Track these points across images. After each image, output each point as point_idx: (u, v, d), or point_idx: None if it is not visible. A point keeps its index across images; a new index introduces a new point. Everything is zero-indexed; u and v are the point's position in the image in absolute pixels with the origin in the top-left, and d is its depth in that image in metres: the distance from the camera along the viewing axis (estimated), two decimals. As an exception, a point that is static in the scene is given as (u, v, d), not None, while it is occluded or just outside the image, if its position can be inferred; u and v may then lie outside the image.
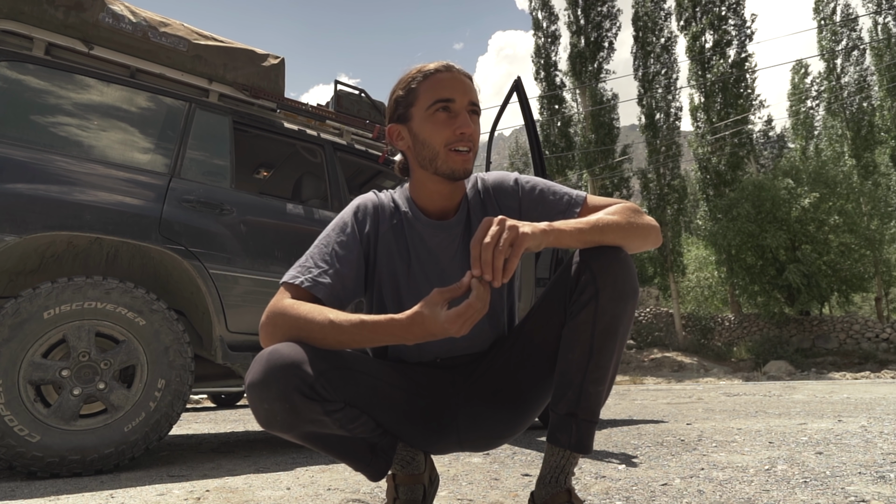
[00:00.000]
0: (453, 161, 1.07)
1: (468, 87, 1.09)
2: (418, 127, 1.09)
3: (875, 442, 2.24)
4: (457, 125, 1.06)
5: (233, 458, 2.49)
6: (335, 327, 0.94)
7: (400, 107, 1.11)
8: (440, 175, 1.09)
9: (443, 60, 1.11)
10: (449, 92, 1.07)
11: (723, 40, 18.08)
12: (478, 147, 1.11)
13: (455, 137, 1.06)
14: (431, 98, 1.07)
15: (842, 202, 15.51)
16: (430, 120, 1.07)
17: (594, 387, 1.02)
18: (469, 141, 1.07)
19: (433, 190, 1.14)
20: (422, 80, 1.08)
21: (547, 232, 0.96)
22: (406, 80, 1.11)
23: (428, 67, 1.09)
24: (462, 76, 1.09)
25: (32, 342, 1.96)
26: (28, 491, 1.76)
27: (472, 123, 1.07)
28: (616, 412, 4.40)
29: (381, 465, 1.08)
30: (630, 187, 20.05)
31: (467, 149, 1.07)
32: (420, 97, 1.08)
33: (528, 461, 2.14)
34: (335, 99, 3.33)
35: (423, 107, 1.08)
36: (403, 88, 1.11)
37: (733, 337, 17.68)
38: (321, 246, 1.10)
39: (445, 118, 1.07)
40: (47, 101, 2.22)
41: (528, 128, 2.88)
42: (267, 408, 0.90)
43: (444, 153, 1.07)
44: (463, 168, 1.08)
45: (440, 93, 1.06)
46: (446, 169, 1.08)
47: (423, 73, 1.09)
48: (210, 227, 2.40)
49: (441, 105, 1.06)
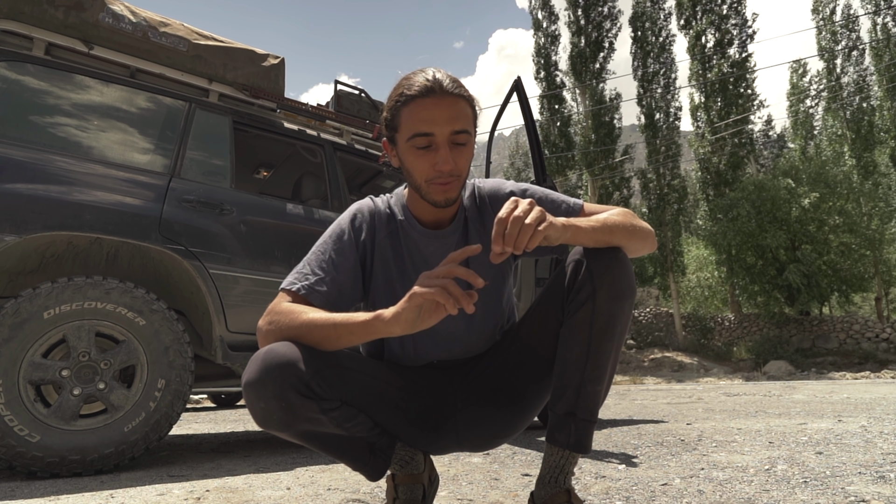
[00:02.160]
0: (435, 192, 1.05)
1: (451, 114, 1.01)
2: (402, 155, 1.06)
3: (875, 442, 2.24)
4: (436, 161, 1.01)
5: (233, 458, 2.49)
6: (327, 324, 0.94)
7: (388, 128, 1.08)
8: (425, 202, 1.08)
9: (430, 74, 1.02)
10: (428, 125, 1.00)
11: (724, 39, 18.08)
12: (465, 174, 1.06)
13: (434, 174, 1.02)
14: (410, 131, 1.01)
15: (842, 202, 15.51)
16: (412, 153, 1.03)
17: (592, 386, 1.02)
18: (450, 176, 1.02)
19: (426, 204, 1.12)
20: (402, 106, 1.02)
21: (567, 227, 0.96)
22: (392, 97, 1.06)
23: (411, 88, 1.01)
24: (447, 100, 1.01)
25: (32, 342, 1.96)
26: (28, 491, 1.76)
27: (456, 154, 1.02)
28: (616, 412, 4.40)
29: (380, 465, 1.09)
30: (630, 187, 20.05)
31: (447, 182, 1.03)
32: (402, 125, 1.03)
33: (528, 461, 2.14)
34: (335, 99, 3.33)
35: (404, 137, 1.03)
36: (389, 109, 1.06)
37: (733, 337, 17.68)
38: (318, 253, 1.10)
39: (424, 153, 1.02)
40: (47, 101, 2.22)
41: (528, 128, 2.88)
42: (263, 406, 0.90)
43: (426, 185, 1.05)
44: (444, 198, 1.05)
45: (418, 126, 1.00)
46: (429, 199, 1.06)
47: (406, 95, 1.01)
48: (210, 227, 2.40)
49: (420, 140, 1.01)
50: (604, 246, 1.02)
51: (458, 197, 1.08)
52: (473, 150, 1.09)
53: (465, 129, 1.02)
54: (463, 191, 1.19)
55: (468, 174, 1.11)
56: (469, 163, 1.07)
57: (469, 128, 1.03)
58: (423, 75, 1.03)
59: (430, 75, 1.02)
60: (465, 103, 1.03)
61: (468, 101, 1.04)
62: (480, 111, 1.10)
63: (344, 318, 0.94)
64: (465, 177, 1.08)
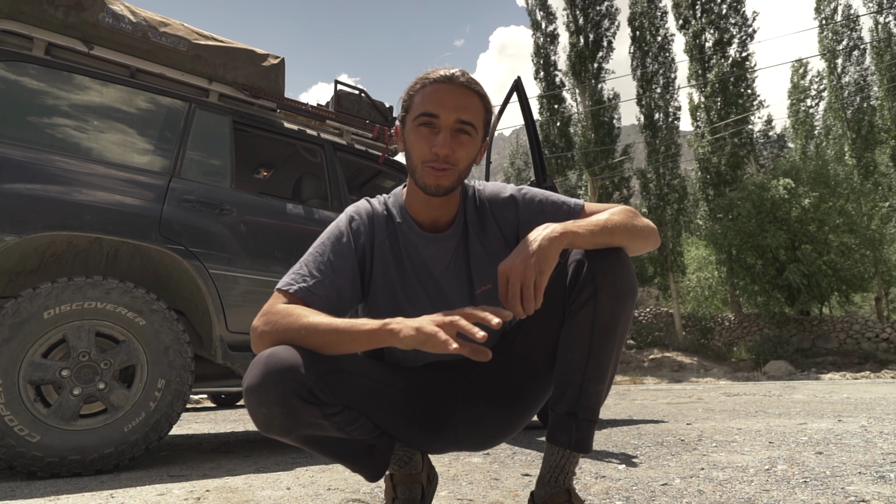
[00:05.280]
0: (427, 176, 1.05)
1: (462, 103, 1.03)
2: (407, 135, 1.08)
3: (875, 442, 2.24)
4: (434, 143, 1.02)
5: (233, 458, 2.49)
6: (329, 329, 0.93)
7: (402, 109, 1.10)
8: (418, 187, 1.08)
9: (455, 69, 1.06)
10: (435, 107, 1.02)
11: (723, 39, 18.06)
12: (463, 166, 1.06)
13: (430, 156, 1.03)
14: (419, 110, 1.04)
15: (842, 202, 15.51)
16: (415, 132, 1.05)
17: (594, 386, 1.02)
18: (445, 161, 1.03)
19: (422, 199, 1.12)
20: (420, 88, 1.06)
21: (564, 234, 0.97)
22: (414, 82, 1.09)
23: (433, 75, 1.06)
24: (461, 90, 1.04)
25: (32, 342, 1.96)
26: (28, 491, 1.76)
27: (457, 143, 1.03)
28: (616, 412, 4.40)
29: (379, 466, 1.08)
30: (630, 187, 20.06)
31: (443, 168, 1.03)
32: (413, 105, 1.06)
33: (528, 461, 2.14)
34: (335, 99, 3.33)
35: (412, 116, 1.05)
36: (408, 91, 1.09)
37: (733, 337, 17.68)
38: (316, 255, 1.09)
39: (427, 133, 1.03)
40: (47, 101, 2.22)
41: (528, 128, 2.88)
42: (265, 412, 0.89)
43: (421, 167, 1.05)
44: (435, 184, 1.05)
45: (426, 106, 1.03)
46: (421, 183, 1.07)
47: (426, 80, 1.06)
48: (210, 227, 2.40)
49: (425, 119, 1.03)
50: (604, 247, 1.02)
51: (452, 189, 1.07)
52: (477, 147, 1.08)
53: (472, 122, 1.04)
54: (461, 194, 1.19)
55: (468, 172, 1.10)
56: (469, 158, 1.07)
57: (476, 122, 1.05)
58: (444, 69, 1.06)
59: (450, 70, 1.06)
60: (478, 99, 1.06)
61: (481, 98, 1.06)
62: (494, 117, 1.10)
63: (348, 324, 0.92)
64: (464, 171, 1.08)
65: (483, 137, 1.09)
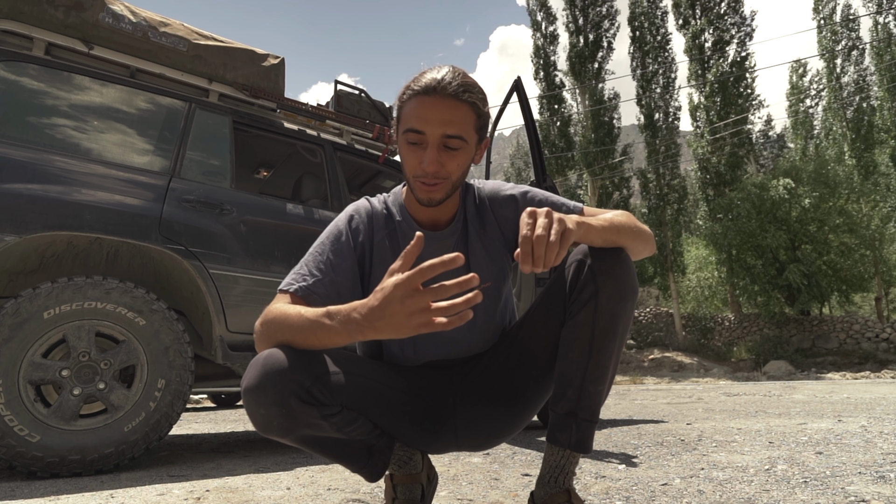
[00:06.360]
0: (419, 191, 1.05)
1: (447, 117, 0.99)
2: (399, 146, 1.07)
3: (875, 442, 2.24)
4: (422, 159, 1.01)
5: (233, 458, 2.49)
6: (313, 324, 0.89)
7: (395, 117, 1.09)
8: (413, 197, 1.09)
9: (440, 73, 1.01)
10: (420, 123, 0.99)
11: (722, 39, 18.06)
12: (456, 176, 1.05)
13: (420, 171, 1.02)
14: (405, 125, 1.02)
15: (842, 202, 15.51)
16: (404, 147, 1.04)
17: (594, 386, 1.02)
18: (435, 177, 1.02)
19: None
20: (407, 100, 1.03)
21: (580, 224, 0.96)
22: (405, 88, 1.05)
23: (421, 81, 1.01)
24: (446, 102, 0.99)
25: (32, 342, 1.96)
26: (28, 491, 1.76)
27: (446, 156, 1.01)
28: (616, 412, 4.40)
29: (379, 466, 1.08)
30: (630, 187, 20.06)
31: (434, 183, 1.03)
32: (402, 118, 1.04)
33: (528, 461, 2.13)
34: (335, 99, 3.33)
35: (401, 129, 1.04)
36: (399, 97, 1.06)
37: (733, 337, 17.68)
38: (316, 254, 1.09)
39: (415, 150, 1.02)
40: (47, 101, 2.22)
41: (528, 128, 2.88)
42: (263, 413, 0.89)
43: (413, 181, 1.05)
44: (427, 198, 1.05)
45: (412, 122, 1.00)
46: (415, 195, 1.07)
47: (412, 90, 1.02)
48: (210, 227, 2.40)
49: (411, 136, 1.01)
50: (611, 246, 1.03)
51: (446, 199, 1.07)
52: (470, 155, 1.06)
53: (459, 136, 1.00)
54: (461, 192, 1.19)
55: (463, 178, 1.10)
56: (462, 167, 1.05)
57: (464, 134, 1.01)
58: (433, 73, 1.02)
59: (438, 74, 1.01)
60: (466, 108, 1.01)
61: (472, 106, 1.02)
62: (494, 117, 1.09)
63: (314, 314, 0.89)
64: (457, 180, 1.07)
65: (479, 140, 1.07)
